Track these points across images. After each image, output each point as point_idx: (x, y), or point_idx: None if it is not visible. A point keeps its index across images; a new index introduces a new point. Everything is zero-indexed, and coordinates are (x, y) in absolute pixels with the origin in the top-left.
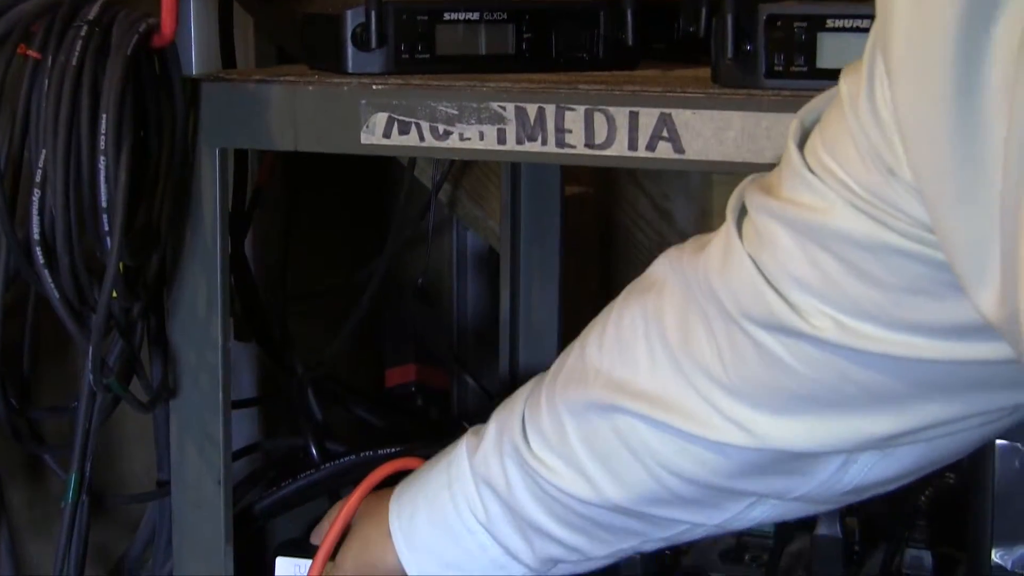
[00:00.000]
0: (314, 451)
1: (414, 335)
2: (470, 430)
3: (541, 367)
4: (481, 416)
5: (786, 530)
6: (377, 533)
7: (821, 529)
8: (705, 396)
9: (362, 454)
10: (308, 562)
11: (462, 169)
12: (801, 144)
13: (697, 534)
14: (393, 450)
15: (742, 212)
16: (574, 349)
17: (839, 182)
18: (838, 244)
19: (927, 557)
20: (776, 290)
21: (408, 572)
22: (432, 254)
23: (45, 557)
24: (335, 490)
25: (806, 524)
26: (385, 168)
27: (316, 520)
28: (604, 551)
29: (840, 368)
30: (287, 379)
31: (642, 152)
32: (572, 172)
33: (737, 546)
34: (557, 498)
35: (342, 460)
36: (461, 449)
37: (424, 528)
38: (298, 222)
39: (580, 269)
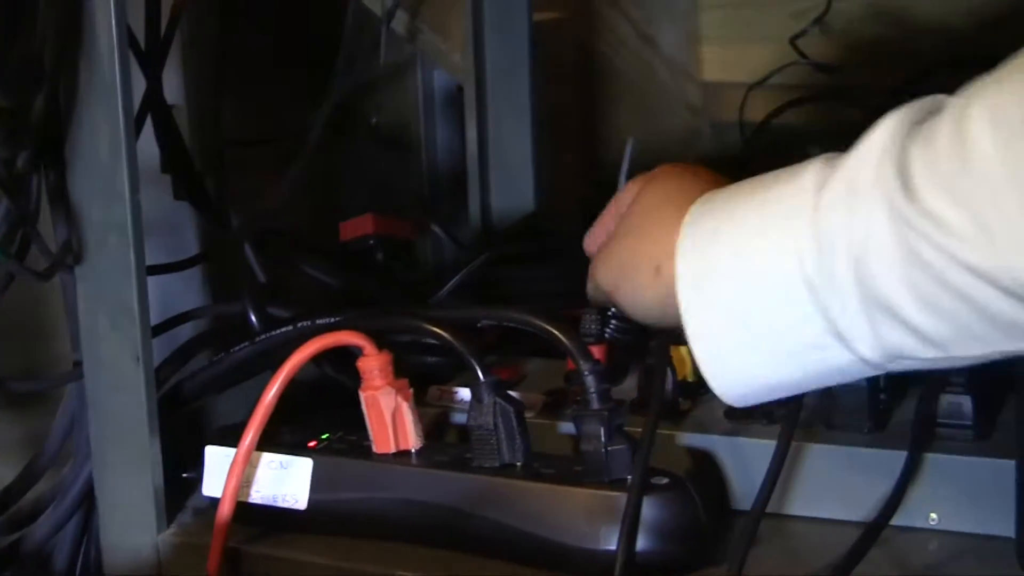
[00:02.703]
0: (253, 318)
1: (371, 183)
2: (822, 157)
3: (516, 212)
4: (453, 268)
5: None
6: (660, 231)
7: None
8: None
9: (299, 324)
10: None
11: None
12: None
13: None
14: (332, 320)
15: None
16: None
17: None
18: None
19: (967, 403)
20: None
21: (681, 304)
22: (396, 95)
23: None
24: (276, 365)
25: None
26: None
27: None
28: (975, 351)
29: None
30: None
31: None
32: None
33: None
34: (933, 267)
35: (276, 332)
36: (805, 180)
37: (723, 260)
38: (234, 62)
39: (558, 103)
